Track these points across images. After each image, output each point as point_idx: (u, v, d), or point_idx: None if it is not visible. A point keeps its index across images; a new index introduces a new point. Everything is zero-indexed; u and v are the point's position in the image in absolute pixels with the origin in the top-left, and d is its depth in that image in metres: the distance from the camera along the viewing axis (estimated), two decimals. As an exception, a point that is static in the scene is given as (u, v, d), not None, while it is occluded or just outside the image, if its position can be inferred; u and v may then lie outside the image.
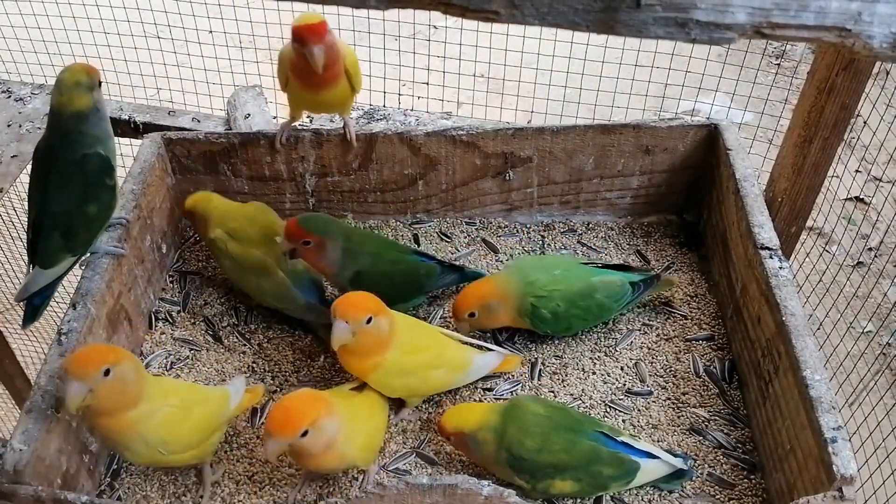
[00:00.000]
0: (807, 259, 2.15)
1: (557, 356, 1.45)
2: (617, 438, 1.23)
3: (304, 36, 1.35)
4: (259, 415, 1.38)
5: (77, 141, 1.28)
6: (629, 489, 1.26)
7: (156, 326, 1.52)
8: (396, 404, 1.37)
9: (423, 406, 1.39)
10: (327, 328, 1.28)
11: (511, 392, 1.40)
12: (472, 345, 1.40)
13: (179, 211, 1.65)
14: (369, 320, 1.23)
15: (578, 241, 1.65)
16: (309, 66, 1.37)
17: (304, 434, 1.12)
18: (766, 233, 1.36)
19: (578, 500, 1.27)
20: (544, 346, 1.47)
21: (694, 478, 1.28)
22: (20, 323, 1.37)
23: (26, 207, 1.36)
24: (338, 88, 1.46)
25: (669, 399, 1.39)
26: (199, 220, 1.53)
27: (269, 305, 1.51)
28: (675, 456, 1.27)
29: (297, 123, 1.57)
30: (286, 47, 1.44)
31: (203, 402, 1.25)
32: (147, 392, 1.18)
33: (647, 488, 1.27)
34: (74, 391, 1.11)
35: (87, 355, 1.14)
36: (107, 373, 1.12)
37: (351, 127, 1.56)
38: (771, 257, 1.32)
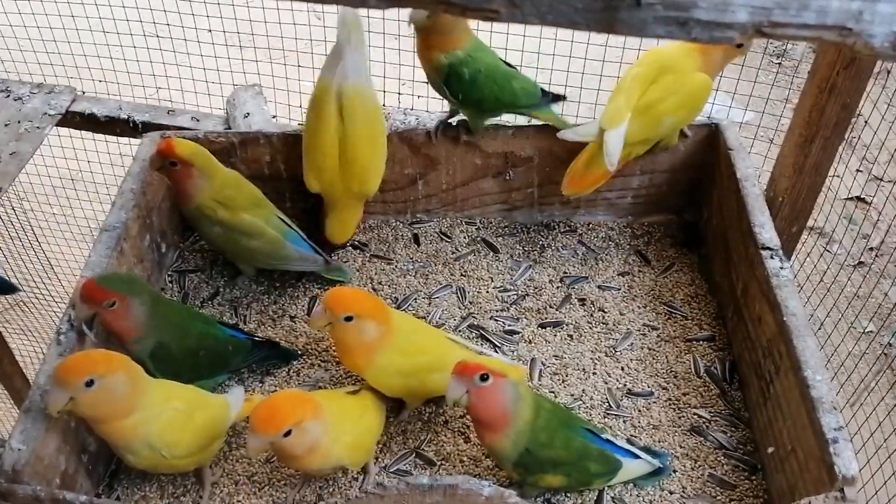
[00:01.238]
0: (808, 259, 2.14)
1: (557, 356, 1.45)
2: (601, 436, 1.23)
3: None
4: (258, 415, 1.37)
5: None
6: (623, 486, 1.27)
7: (155, 326, 1.52)
8: (397, 407, 1.37)
9: (424, 407, 1.38)
10: (327, 271, 1.54)
11: (511, 392, 1.40)
12: (477, 352, 1.39)
13: (178, 212, 1.64)
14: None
15: (579, 241, 1.65)
16: None
17: (288, 434, 1.11)
18: (767, 232, 1.36)
19: (578, 501, 1.26)
20: (544, 347, 1.46)
21: (684, 474, 1.28)
22: (19, 327, 1.37)
23: (24, 207, 1.36)
24: None
25: (670, 400, 1.38)
26: (187, 178, 1.44)
27: (261, 266, 1.54)
28: (654, 454, 1.26)
29: None
30: None
31: (205, 408, 1.25)
32: (148, 397, 1.18)
33: (649, 488, 1.27)
34: (54, 398, 1.11)
35: (72, 364, 1.13)
36: (90, 383, 1.11)
37: None
38: (772, 257, 1.32)
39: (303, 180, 1.54)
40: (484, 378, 1.13)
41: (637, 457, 1.24)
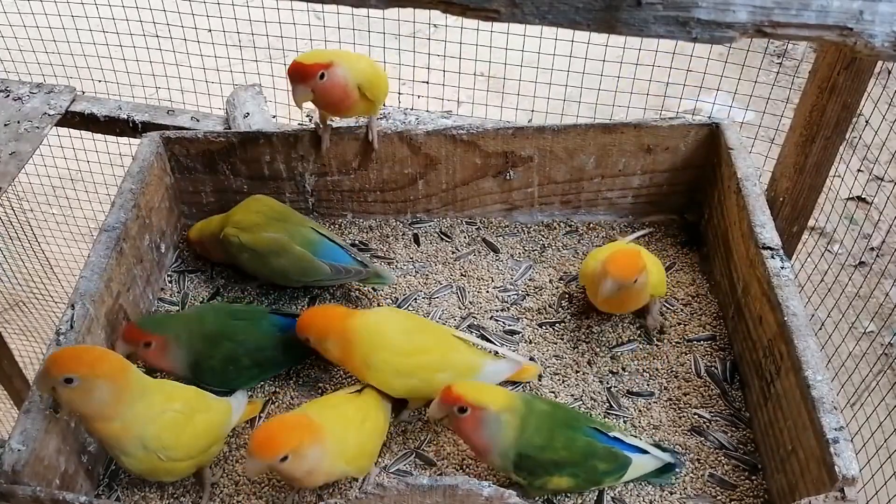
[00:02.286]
0: (808, 259, 2.14)
1: (558, 356, 1.45)
2: (609, 434, 1.23)
3: (290, 74, 1.39)
4: (258, 418, 1.37)
5: None
6: (624, 486, 1.26)
7: (155, 326, 1.52)
8: (398, 405, 1.37)
9: (424, 407, 1.38)
10: (366, 280, 1.48)
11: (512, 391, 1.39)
12: (487, 350, 1.38)
13: (178, 212, 1.65)
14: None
15: (580, 241, 1.65)
16: (322, 97, 1.41)
17: (285, 459, 1.12)
18: (768, 232, 1.36)
19: (579, 501, 1.26)
20: (545, 347, 1.46)
21: (684, 474, 1.28)
22: (18, 327, 1.38)
23: (24, 207, 1.37)
24: (354, 110, 1.49)
25: (671, 399, 1.38)
26: (208, 237, 1.55)
27: (300, 285, 1.52)
28: (664, 450, 1.26)
29: (331, 124, 1.57)
30: None
31: (206, 411, 1.25)
32: (145, 399, 1.18)
33: (649, 489, 1.27)
34: (39, 382, 1.14)
35: (60, 357, 1.13)
36: (69, 381, 1.10)
37: (374, 128, 1.56)
38: (773, 257, 1.32)
39: (302, 179, 1.53)
40: (462, 410, 1.17)
41: (647, 452, 1.24)
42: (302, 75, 1.39)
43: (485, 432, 1.18)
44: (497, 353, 1.39)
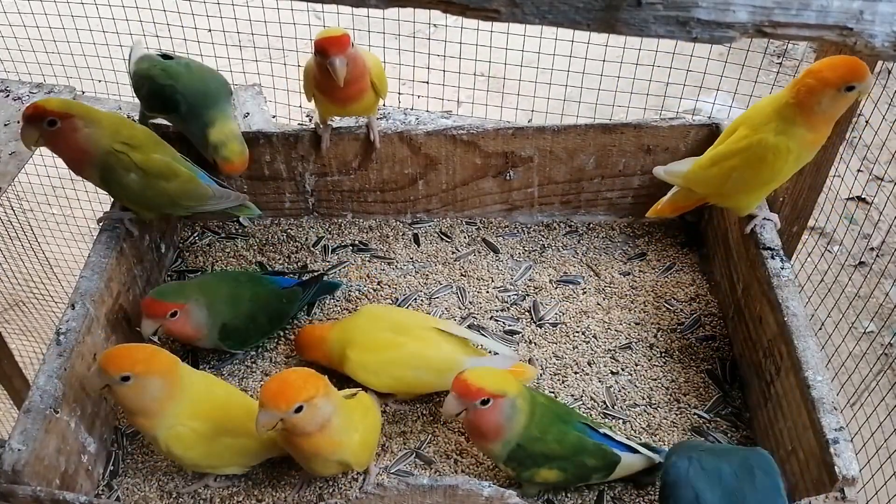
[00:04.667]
0: (808, 259, 2.14)
1: (558, 356, 1.45)
2: (599, 430, 1.23)
3: (326, 48, 1.35)
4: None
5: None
6: (624, 486, 1.26)
7: (155, 326, 1.52)
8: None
9: (424, 406, 1.38)
10: (240, 209, 1.48)
11: (511, 392, 1.39)
12: (475, 344, 1.37)
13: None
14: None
15: (580, 241, 1.65)
16: (334, 82, 1.36)
17: (299, 410, 1.10)
18: (768, 233, 1.36)
19: (579, 501, 1.26)
20: (545, 347, 1.46)
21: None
22: (18, 327, 1.40)
23: (24, 207, 1.37)
24: (364, 101, 1.48)
25: (670, 400, 1.38)
26: (73, 133, 1.31)
27: (183, 213, 1.49)
28: (654, 450, 1.26)
29: (331, 123, 1.57)
30: (310, 62, 1.45)
31: (234, 434, 1.23)
32: (177, 405, 1.19)
33: (649, 489, 1.27)
34: (92, 381, 1.18)
35: (116, 355, 1.16)
36: (125, 378, 1.13)
37: (375, 128, 1.56)
38: (773, 257, 1.32)
39: (303, 179, 1.53)
40: (485, 402, 1.13)
41: (636, 451, 1.24)
42: (341, 43, 1.34)
43: (501, 419, 1.15)
44: (489, 350, 1.37)
